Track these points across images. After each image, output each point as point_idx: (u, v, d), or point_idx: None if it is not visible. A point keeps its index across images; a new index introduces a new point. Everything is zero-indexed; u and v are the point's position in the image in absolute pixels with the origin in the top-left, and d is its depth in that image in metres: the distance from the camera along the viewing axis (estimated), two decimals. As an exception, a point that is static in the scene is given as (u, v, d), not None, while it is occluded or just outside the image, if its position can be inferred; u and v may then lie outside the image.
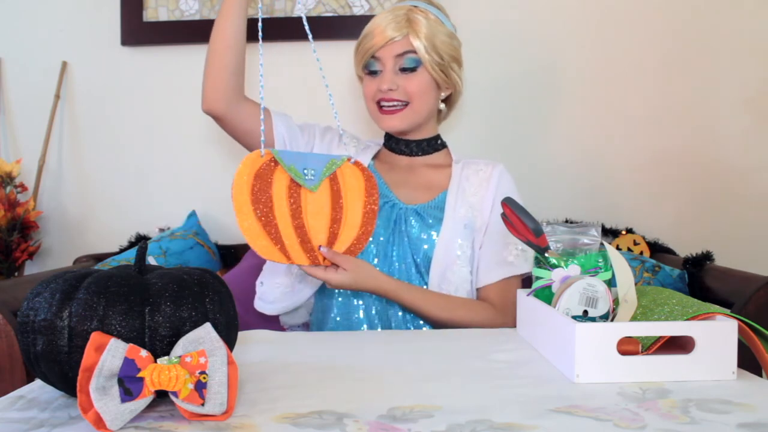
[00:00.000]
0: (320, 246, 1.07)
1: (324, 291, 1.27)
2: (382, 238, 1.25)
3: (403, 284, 1.18)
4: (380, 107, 1.27)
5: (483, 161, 1.34)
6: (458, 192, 1.28)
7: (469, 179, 1.30)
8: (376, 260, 1.25)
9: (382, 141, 1.40)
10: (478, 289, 1.28)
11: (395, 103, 1.26)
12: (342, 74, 1.76)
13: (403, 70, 1.26)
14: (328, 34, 1.81)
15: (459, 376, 0.82)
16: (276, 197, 1.03)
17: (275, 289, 1.27)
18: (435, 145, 1.35)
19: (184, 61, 1.87)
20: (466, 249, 1.23)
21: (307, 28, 1.19)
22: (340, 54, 1.64)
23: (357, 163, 1.14)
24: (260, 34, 1.10)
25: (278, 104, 1.88)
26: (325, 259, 1.08)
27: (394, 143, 1.35)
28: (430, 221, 1.25)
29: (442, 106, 1.36)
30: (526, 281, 1.26)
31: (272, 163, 1.04)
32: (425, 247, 1.23)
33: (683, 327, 0.79)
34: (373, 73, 1.28)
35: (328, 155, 1.12)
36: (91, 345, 0.62)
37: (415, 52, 1.25)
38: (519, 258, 1.24)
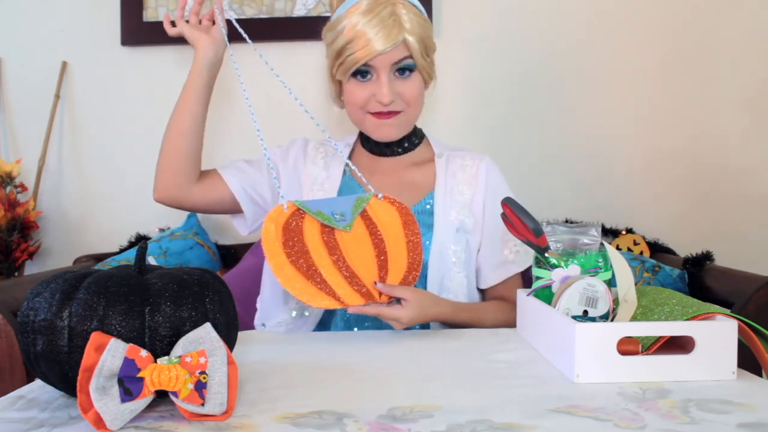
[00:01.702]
0: (375, 282, 1.01)
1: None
2: None
3: (456, 304, 1.14)
4: (372, 114, 1.19)
5: (468, 154, 1.27)
6: (446, 193, 1.22)
7: (455, 176, 1.23)
8: None
9: (351, 140, 1.31)
10: (485, 290, 1.25)
11: (391, 113, 1.18)
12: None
13: (399, 71, 1.17)
14: (328, 34, 1.81)
15: (459, 376, 0.82)
16: (311, 245, 0.98)
17: (278, 329, 1.20)
18: (415, 139, 1.27)
19: (184, 61, 1.87)
20: (460, 254, 1.19)
21: (241, 31, 1.18)
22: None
23: (386, 198, 1.09)
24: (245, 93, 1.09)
25: (275, 103, 1.88)
26: (381, 295, 1.02)
27: (374, 145, 1.26)
28: (421, 229, 1.18)
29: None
30: (527, 280, 1.26)
31: (298, 214, 1.00)
32: None
33: (683, 327, 0.79)
34: (361, 74, 1.17)
35: (354, 195, 1.08)
36: (91, 345, 0.62)
37: (411, 57, 1.16)
38: (519, 255, 1.22)
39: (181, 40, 1.85)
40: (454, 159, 1.26)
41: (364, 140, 1.28)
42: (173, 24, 1.24)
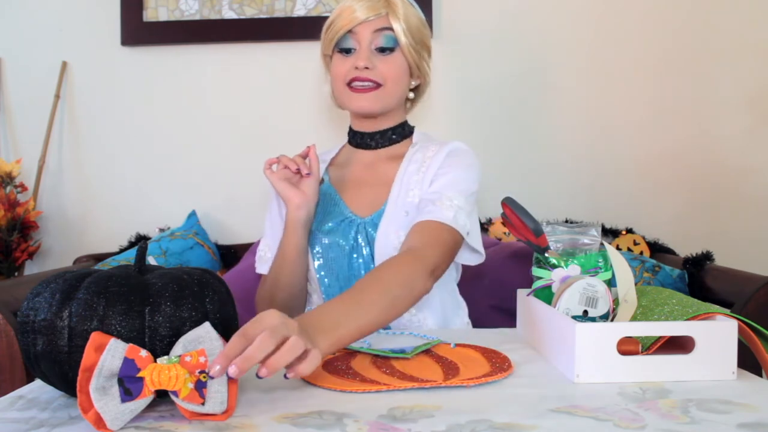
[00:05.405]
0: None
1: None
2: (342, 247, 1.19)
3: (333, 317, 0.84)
4: (351, 87, 1.19)
5: (439, 141, 1.24)
6: (403, 178, 1.20)
7: (417, 162, 1.21)
8: (320, 261, 1.20)
9: (328, 155, 1.33)
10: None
11: (368, 83, 1.18)
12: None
13: (380, 50, 1.19)
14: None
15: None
16: (356, 365, 0.85)
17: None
18: (401, 132, 1.26)
19: (184, 61, 1.88)
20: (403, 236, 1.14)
21: None
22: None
23: (461, 345, 0.94)
24: None
25: (272, 102, 1.88)
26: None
27: (360, 138, 1.27)
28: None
29: (411, 95, 1.28)
30: (527, 280, 1.25)
31: (346, 354, 0.90)
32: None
33: (683, 327, 0.79)
34: (345, 51, 1.20)
35: (416, 339, 0.99)
36: (91, 345, 0.62)
37: (392, 30, 1.18)
38: (449, 208, 1.10)
39: (181, 40, 1.86)
40: (426, 147, 1.23)
41: (351, 135, 1.29)
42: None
